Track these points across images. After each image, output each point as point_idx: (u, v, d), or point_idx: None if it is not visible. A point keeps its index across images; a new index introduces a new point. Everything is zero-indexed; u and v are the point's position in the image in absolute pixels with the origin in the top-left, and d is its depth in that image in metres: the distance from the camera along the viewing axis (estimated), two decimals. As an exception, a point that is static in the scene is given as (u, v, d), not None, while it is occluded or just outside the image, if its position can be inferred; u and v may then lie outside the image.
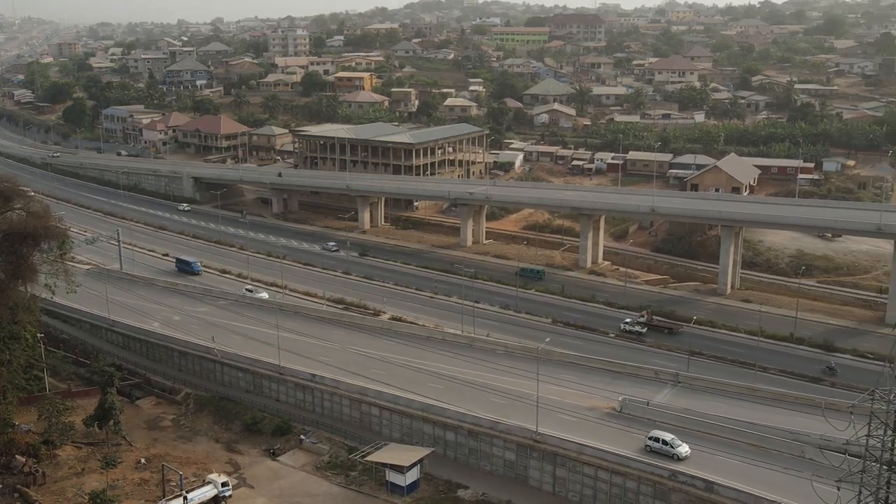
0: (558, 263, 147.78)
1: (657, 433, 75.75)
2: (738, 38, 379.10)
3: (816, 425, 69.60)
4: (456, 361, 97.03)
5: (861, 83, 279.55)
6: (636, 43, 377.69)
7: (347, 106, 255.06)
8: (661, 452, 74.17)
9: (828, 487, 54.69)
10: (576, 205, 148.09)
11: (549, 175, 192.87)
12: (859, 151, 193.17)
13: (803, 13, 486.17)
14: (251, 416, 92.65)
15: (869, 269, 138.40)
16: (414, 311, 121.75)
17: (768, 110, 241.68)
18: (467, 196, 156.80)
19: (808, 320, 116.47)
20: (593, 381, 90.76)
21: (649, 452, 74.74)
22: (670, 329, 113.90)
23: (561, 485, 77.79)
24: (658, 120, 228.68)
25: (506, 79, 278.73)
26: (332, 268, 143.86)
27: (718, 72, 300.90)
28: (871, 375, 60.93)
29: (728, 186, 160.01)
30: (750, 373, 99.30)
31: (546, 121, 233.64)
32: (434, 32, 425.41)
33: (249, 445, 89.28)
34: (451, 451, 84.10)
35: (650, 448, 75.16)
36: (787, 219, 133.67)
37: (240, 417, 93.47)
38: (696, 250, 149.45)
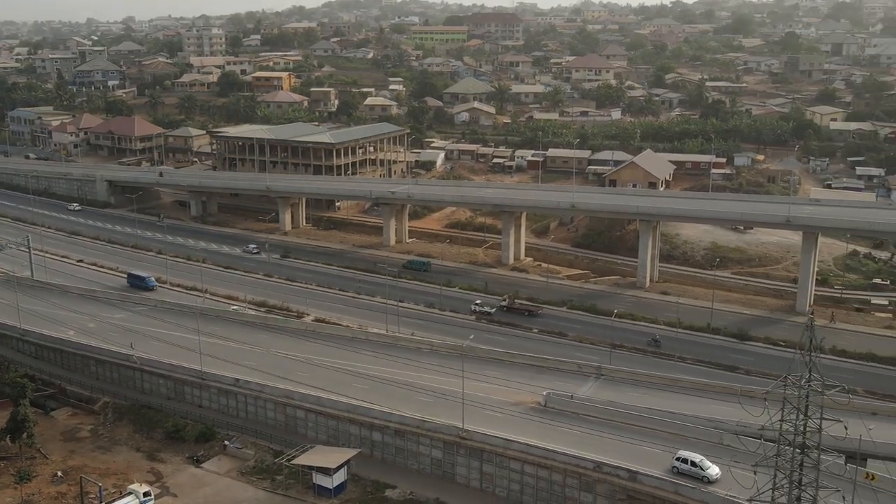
0: (481, 261, 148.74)
1: (685, 454, 70.92)
2: (652, 37, 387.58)
3: (733, 412, 71.54)
4: (381, 361, 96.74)
5: (768, 80, 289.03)
6: (553, 42, 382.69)
7: (266, 106, 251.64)
8: (690, 474, 69.81)
9: (745, 472, 56.31)
10: (497, 202, 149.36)
11: (470, 173, 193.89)
12: (768, 146, 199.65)
13: (713, 13, 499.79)
14: (173, 424, 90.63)
15: (779, 259, 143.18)
16: (338, 312, 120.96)
17: (682, 107, 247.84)
18: (389, 195, 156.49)
19: (724, 311, 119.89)
20: (518, 376, 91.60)
21: (677, 474, 69.91)
22: (531, 311, 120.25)
23: (488, 480, 78.31)
24: (576, 117, 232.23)
25: (426, 78, 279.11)
26: (253, 270, 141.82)
27: (633, 70, 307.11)
28: (784, 362, 63.06)
29: (645, 182, 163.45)
30: (669, 363, 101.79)
31: (466, 119, 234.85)
32: (353, 31, 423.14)
33: (172, 453, 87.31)
34: (379, 452, 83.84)
35: (678, 470, 70.22)
36: (702, 212, 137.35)
37: (161, 425, 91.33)
38: (616, 245, 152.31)
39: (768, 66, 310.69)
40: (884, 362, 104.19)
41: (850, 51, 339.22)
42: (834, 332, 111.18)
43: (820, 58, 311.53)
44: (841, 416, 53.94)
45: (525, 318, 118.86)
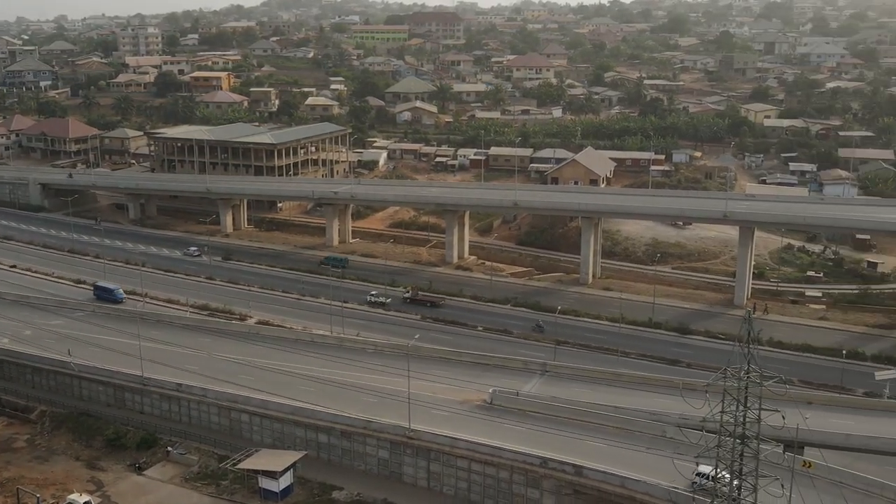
0: (425, 260, 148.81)
1: (705, 469, 65.49)
2: (591, 36, 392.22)
3: (676, 405, 72.80)
4: (326, 363, 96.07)
5: (704, 79, 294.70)
6: (494, 41, 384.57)
7: (205, 106, 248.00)
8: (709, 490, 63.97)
9: (687, 463, 57.31)
10: (440, 201, 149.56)
11: (413, 172, 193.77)
12: (705, 143, 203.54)
13: (649, 12, 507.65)
14: (114, 431, 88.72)
15: (718, 254, 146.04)
16: (281, 314, 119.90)
17: (621, 105, 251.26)
18: (332, 195, 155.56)
19: (665, 305, 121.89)
20: (464, 374, 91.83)
21: (697, 490, 65.30)
22: (433, 303, 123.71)
23: (435, 479, 78.37)
24: (518, 116, 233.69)
25: (367, 77, 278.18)
26: (194, 273, 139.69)
27: (573, 68, 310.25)
28: (724, 355, 64.29)
29: (586, 179, 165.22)
30: (613, 358, 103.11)
31: (408, 118, 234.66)
32: (293, 31, 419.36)
33: (113, 461, 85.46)
34: (325, 453, 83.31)
35: (697, 485, 66.01)
36: (642, 209, 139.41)
37: (101, 433, 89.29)
38: (559, 242, 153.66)
39: (704, 65, 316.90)
40: (818, 352, 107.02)
41: (781, 50, 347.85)
42: (770, 324, 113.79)
43: (753, 56, 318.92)
44: (778, 406, 55.18)
45: (428, 309, 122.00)
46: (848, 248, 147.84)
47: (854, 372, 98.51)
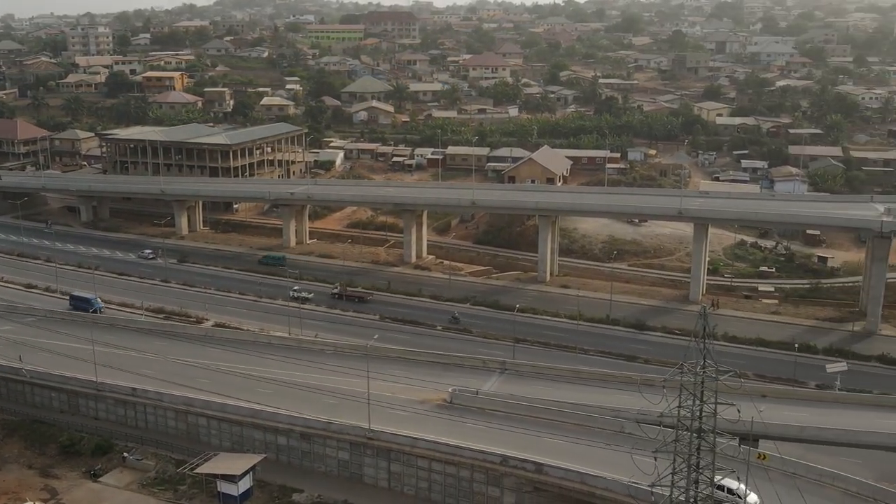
0: (383, 260, 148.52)
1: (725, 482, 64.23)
2: (546, 35, 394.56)
3: (634, 401, 73.43)
4: (284, 364, 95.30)
5: (658, 77, 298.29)
6: (450, 40, 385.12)
7: (158, 107, 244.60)
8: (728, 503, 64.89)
9: (646, 458, 57.82)
10: (398, 201, 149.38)
11: (370, 172, 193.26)
12: (659, 141, 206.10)
13: (603, 11, 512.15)
14: (67, 438, 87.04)
15: (673, 250, 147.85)
16: (239, 316, 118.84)
17: (576, 104, 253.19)
18: (288, 196, 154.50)
19: (622, 302, 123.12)
20: (423, 374, 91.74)
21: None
22: (361, 298, 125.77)
23: (396, 480, 78.22)
24: (474, 115, 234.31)
25: (323, 77, 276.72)
26: (149, 276, 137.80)
27: (529, 68, 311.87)
28: (680, 350, 65.12)
29: (543, 177, 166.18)
30: (572, 355, 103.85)
31: (365, 118, 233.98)
32: (247, 30, 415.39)
33: (67, 469, 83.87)
34: (284, 456, 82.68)
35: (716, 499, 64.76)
36: (599, 206, 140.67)
37: (55, 440, 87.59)
38: (517, 240, 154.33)
39: (657, 64, 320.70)
40: (771, 346, 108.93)
41: (732, 49, 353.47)
42: (725, 319, 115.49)
43: (705, 55, 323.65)
44: (734, 400, 55.95)
45: (356, 304, 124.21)
46: (799, 243, 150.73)
47: (806, 365, 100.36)
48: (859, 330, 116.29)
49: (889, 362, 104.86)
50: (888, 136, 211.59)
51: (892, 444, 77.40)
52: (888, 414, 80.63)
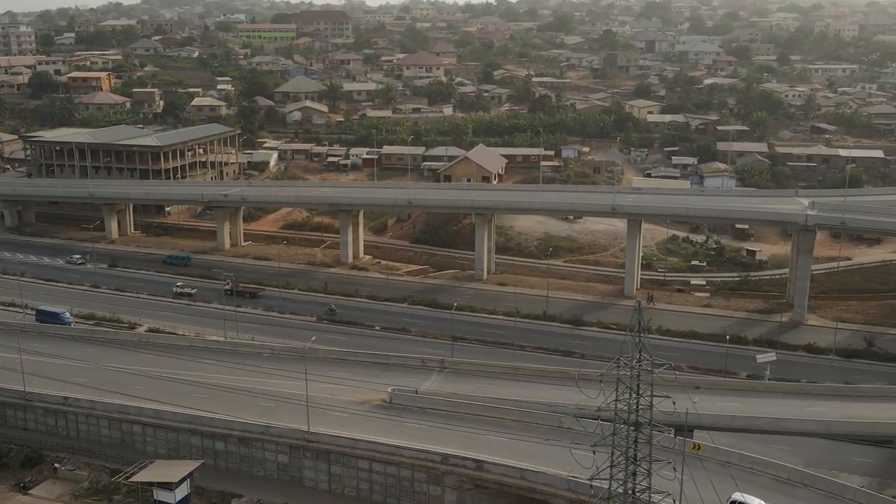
0: (320, 261, 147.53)
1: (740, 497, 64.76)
2: (479, 34, 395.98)
3: (572, 396, 74.31)
4: (220, 369, 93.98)
5: (590, 76, 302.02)
6: (384, 39, 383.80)
7: (85, 108, 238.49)
8: None
9: (585, 452, 58.55)
10: (333, 201, 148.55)
11: (305, 173, 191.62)
12: (592, 139, 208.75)
13: (535, 11, 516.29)
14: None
15: (607, 246, 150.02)
16: (173, 321, 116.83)
17: (510, 102, 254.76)
18: (222, 198, 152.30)
19: (558, 298, 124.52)
20: (362, 374, 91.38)
21: None
22: (253, 294, 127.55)
23: (337, 482, 77.82)
24: (409, 114, 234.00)
25: (255, 77, 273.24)
26: (78, 282, 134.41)
27: (463, 67, 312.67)
28: (616, 344, 66.12)
29: (478, 176, 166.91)
30: (510, 352, 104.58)
31: (299, 118, 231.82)
32: (176, 29, 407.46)
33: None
34: (222, 461, 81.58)
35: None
36: (534, 204, 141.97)
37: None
38: (453, 239, 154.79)
39: (589, 63, 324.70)
40: (704, 338, 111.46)
41: (661, 47, 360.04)
42: (659, 313, 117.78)
43: (635, 54, 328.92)
44: (669, 392, 57.07)
45: (248, 300, 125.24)
46: (728, 237, 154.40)
47: (737, 356, 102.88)
48: (787, 321, 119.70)
49: (815, 351, 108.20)
50: (811, 132, 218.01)
51: (819, 430, 79.91)
52: (815, 401, 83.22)
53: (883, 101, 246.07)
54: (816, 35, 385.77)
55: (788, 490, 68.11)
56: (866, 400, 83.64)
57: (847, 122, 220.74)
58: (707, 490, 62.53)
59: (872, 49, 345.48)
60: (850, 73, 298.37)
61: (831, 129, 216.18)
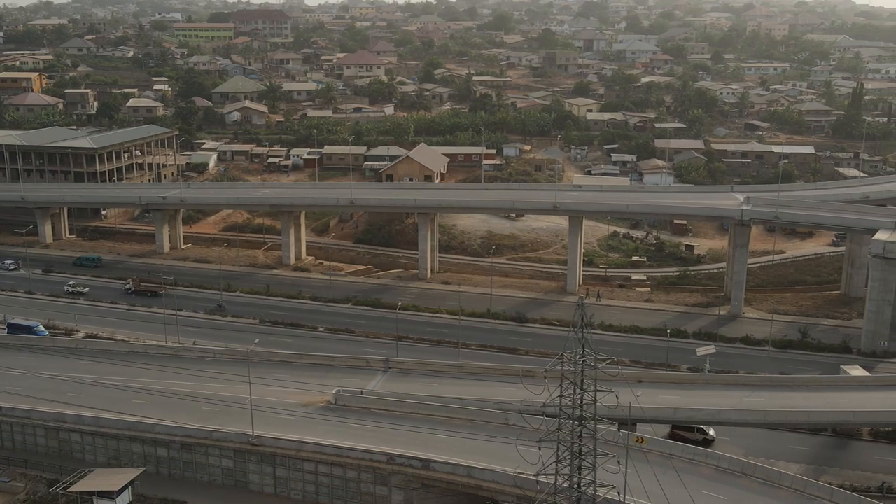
0: (262, 262, 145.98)
1: None
2: (419, 33, 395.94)
3: (517, 393, 74.78)
4: (162, 374, 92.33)
5: (530, 75, 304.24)
6: (323, 39, 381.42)
7: (15, 110, 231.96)
8: None
9: (530, 448, 58.96)
10: (275, 202, 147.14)
11: (245, 174, 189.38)
12: (533, 137, 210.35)
13: (475, 10, 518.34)
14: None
15: (549, 244, 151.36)
16: (111, 327, 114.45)
17: (451, 101, 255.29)
18: (160, 200, 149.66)
19: (502, 296, 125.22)
20: (307, 376, 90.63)
21: None
22: (154, 292, 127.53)
23: (282, 485, 77.12)
24: (350, 114, 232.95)
25: (192, 77, 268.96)
26: (11, 288, 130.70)
27: (403, 66, 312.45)
28: (560, 341, 66.77)
29: (421, 175, 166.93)
30: (455, 350, 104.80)
31: (238, 119, 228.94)
32: (109, 28, 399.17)
33: (-74, 497, 78.82)
34: (165, 468, 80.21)
35: None
36: (477, 202, 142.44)
37: None
38: (397, 238, 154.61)
39: (529, 62, 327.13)
40: (645, 333, 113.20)
41: (599, 46, 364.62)
42: (601, 308, 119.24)
43: (574, 53, 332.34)
44: (612, 387, 57.79)
45: (150, 299, 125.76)
46: (667, 233, 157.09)
47: (678, 349, 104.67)
48: (725, 314, 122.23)
49: (752, 343, 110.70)
50: (745, 129, 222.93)
51: (757, 420, 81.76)
52: (753, 392, 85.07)
53: (813, 98, 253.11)
54: (748, 34, 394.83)
55: (729, 479, 69.53)
56: (801, 389, 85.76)
57: (779, 119, 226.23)
58: (651, 482, 63.52)
59: (802, 48, 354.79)
60: (782, 72, 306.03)
61: (764, 126, 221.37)
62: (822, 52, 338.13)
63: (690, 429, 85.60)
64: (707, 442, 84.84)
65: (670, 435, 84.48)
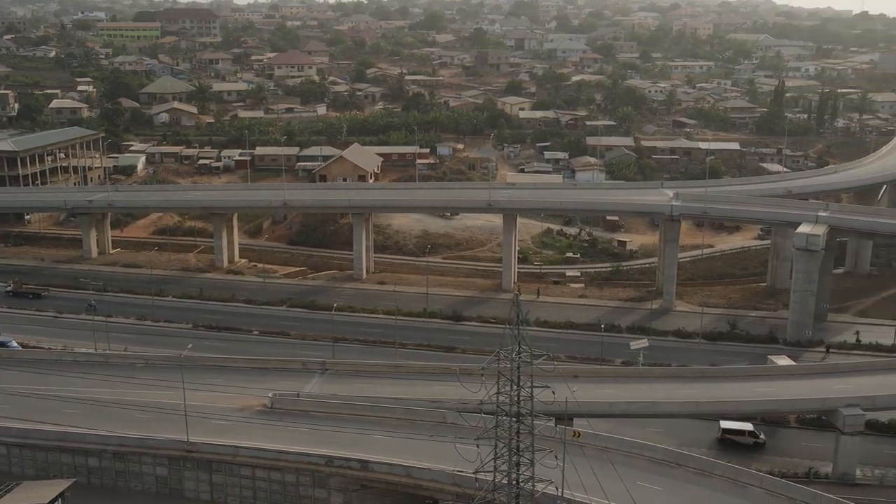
0: (194, 266, 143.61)
1: None
2: (351, 32, 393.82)
3: (454, 391, 75.00)
4: (92, 382, 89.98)
5: (462, 74, 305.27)
6: (253, 38, 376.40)
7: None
8: None
9: (469, 446, 59.20)
10: (206, 204, 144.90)
11: (175, 176, 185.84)
12: (466, 136, 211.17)
13: (407, 9, 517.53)
14: None
15: (484, 242, 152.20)
16: (37, 335, 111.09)
17: (384, 101, 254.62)
18: (86, 204, 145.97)
19: (438, 294, 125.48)
20: (242, 380, 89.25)
21: None
22: (36, 294, 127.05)
23: (219, 491, 75.97)
24: (282, 114, 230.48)
25: (118, 77, 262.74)
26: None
27: (335, 65, 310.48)
28: (496, 338, 67.08)
29: (354, 175, 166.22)
30: (392, 351, 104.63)
31: (167, 120, 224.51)
32: (30, 27, 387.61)
33: None
34: (97, 478, 78.27)
35: None
36: (411, 202, 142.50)
37: None
38: (331, 239, 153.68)
39: (461, 61, 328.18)
40: (580, 328, 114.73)
41: (530, 45, 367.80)
42: (537, 305, 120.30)
43: (505, 52, 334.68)
44: (548, 382, 58.35)
45: (32, 301, 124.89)
46: (600, 229, 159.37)
47: (612, 343, 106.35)
48: (657, 308, 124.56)
49: (684, 336, 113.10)
50: (673, 126, 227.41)
51: (690, 411, 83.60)
52: (685, 384, 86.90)
53: (737, 96, 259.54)
54: (675, 34, 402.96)
55: (664, 470, 70.88)
56: (731, 380, 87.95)
57: (705, 116, 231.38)
58: (588, 475, 64.35)
59: (726, 47, 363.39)
60: (707, 70, 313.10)
61: (691, 123, 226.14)
62: (745, 51, 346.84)
63: (742, 432, 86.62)
64: (758, 445, 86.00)
65: (720, 438, 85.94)
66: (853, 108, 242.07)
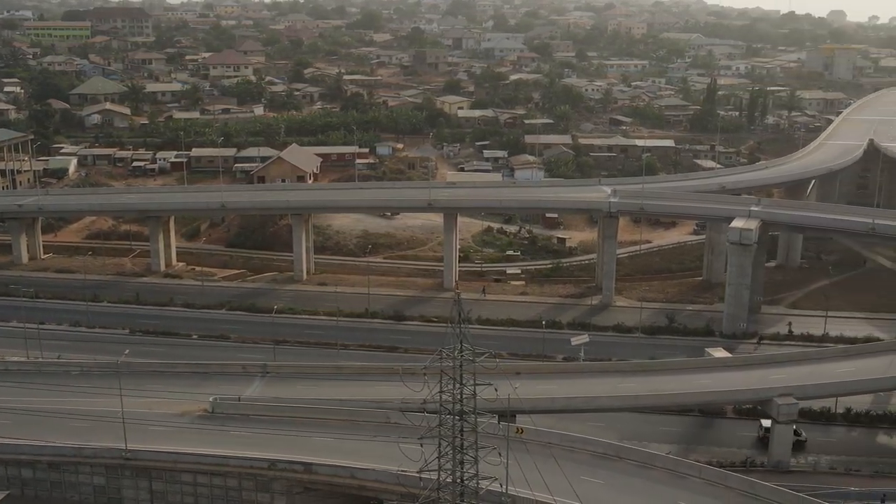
0: (130, 270, 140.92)
1: None
2: (287, 32, 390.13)
3: (397, 391, 74.87)
4: (24, 391, 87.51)
5: (400, 73, 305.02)
6: (187, 38, 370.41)
7: None
8: None
9: (412, 445, 59.19)
10: (141, 208, 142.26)
11: (109, 179, 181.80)
12: (406, 135, 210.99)
13: (343, 9, 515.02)
14: None
15: (425, 241, 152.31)
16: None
17: (322, 101, 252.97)
18: (16, 209, 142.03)
19: (380, 295, 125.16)
20: (181, 386, 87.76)
21: None
22: None
23: (160, 498, 74.67)
24: (218, 115, 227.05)
25: (47, 78, 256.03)
26: None
27: (272, 65, 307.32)
28: (438, 337, 67.14)
29: (293, 176, 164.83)
30: (333, 352, 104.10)
31: (99, 121, 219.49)
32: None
33: None
34: (31, 489, 76.28)
35: None
36: (351, 202, 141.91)
37: None
38: (271, 241, 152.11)
39: (399, 60, 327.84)
40: (522, 325, 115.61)
41: (468, 45, 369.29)
42: (479, 303, 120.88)
43: (443, 51, 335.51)
44: (491, 380, 58.66)
45: None
46: (539, 226, 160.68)
47: (553, 340, 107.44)
48: (597, 303, 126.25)
49: (623, 331, 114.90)
50: (609, 124, 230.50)
51: (630, 405, 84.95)
52: (625, 378, 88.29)
53: (671, 94, 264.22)
54: (610, 33, 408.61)
55: (605, 464, 71.88)
56: (670, 373, 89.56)
57: (641, 114, 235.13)
58: (531, 471, 64.89)
59: (659, 46, 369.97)
60: (642, 69, 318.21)
61: (627, 121, 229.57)
62: (679, 50, 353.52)
63: None
64: (800, 443, 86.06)
65: (762, 437, 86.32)
66: (782, 105, 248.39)
